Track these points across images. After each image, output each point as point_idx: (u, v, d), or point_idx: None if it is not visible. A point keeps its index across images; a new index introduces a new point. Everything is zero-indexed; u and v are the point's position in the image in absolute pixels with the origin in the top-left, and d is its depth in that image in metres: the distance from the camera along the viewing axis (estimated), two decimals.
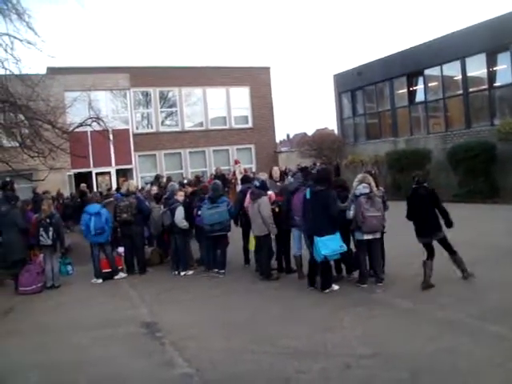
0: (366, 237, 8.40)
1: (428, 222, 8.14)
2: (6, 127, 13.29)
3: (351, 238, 8.92)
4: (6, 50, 11.43)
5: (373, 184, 8.55)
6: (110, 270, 11.26)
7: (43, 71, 21.84)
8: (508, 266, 8.96)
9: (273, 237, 9.78)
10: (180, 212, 10.77)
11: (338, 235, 8.13)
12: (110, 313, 8.42)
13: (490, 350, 5.40)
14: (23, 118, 13.69)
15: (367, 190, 8.41)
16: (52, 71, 22.72)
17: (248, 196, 10.07)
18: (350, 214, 8.35)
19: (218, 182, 11.37)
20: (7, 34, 11.59)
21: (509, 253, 9.88)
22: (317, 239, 8.05)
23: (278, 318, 7.28)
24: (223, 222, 10.30)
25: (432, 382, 4.80)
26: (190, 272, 10.94)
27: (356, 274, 8.86)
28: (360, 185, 8.51)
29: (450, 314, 6.74)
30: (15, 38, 11.50)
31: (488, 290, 7.65)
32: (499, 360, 5.13)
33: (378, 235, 8.52)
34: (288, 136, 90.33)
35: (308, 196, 8.46)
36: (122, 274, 11.33)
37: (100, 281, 10.99)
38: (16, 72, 12.19)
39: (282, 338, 6.31)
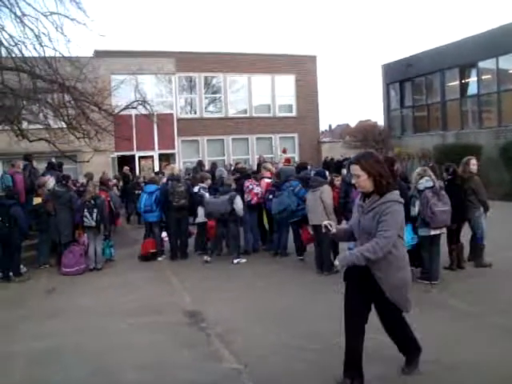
0: (433, 232, 8.01)
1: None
2: (53, 107, 13.26)
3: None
4: (56, 29, 11.32)
5: (434, 177, 8.18)
6: (154, 250, 11.32)
7: (90, 54, 21.95)
8: None
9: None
10: (239, 200, 10.67)
11: (409, 226, 7.79)
12: (152, 299, 8.26)
13: None
14: (69, 99, 13.66)
15: (431, 184, 8.02)
16: (99, 54, 22.92)
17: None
18: (415, 210, 7.95)
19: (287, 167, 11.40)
20: (58, 13, 11.47)
21: None
22: None
23: (327, 313, 6.95)
24: (287, 209, 10.09)
25: None
26: (244, 260, 10.71)
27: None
28: (422, 179, 8.13)
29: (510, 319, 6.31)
30: (66, 17, 11.37)
31: None
32: None
33: (443, 230, 8.17)
34: (330, 127, 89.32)
35: None
36: (163, 256, 11.49)
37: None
38: (65, 53, 12.12)
39: (334, 336, 5.97)
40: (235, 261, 10.57)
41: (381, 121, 31.81)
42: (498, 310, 6.73)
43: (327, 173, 10.34)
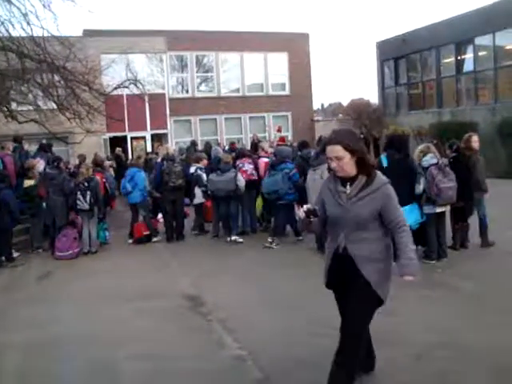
0: (439, 209, 7.90)
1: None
2: (43, 87, 12.94)
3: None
4: (44, 6, 10.97)
5: (437, 154, 8.07)
6: (147, 232, 11.12)
7: (79, 34, 21.52)
8: None
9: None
10: (241, 177, 10.53)
11: (416, 205, 7.67)
12: (150, 283, 8.03)
13: None
14: (59, 79, 13.36)
15: (435, 161, 7.91)
16: (88, 33, 22.42)
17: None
18: (420, 188, 7.75)
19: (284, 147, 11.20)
20: None
21: None
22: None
23: (329, 296, 6.68)
24: (278, 191, 9.84)
25: None
26: (240, 239, 10.54)
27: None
28: (426, 156, 7.99)
29: None
30: None
31: None
32: None
33: (448, 207, 8.07)
34: (322, 105, 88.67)
35: (385, 164, 7.76)
36: (159, 237, 11.30)
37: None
38: (53, 31, 11.80)
39: (336, 319, 5.77)
40: (233, 238, 10.46)
41: (373, 99, 31.52)
42: (503, 290, 6.60)
43: None
